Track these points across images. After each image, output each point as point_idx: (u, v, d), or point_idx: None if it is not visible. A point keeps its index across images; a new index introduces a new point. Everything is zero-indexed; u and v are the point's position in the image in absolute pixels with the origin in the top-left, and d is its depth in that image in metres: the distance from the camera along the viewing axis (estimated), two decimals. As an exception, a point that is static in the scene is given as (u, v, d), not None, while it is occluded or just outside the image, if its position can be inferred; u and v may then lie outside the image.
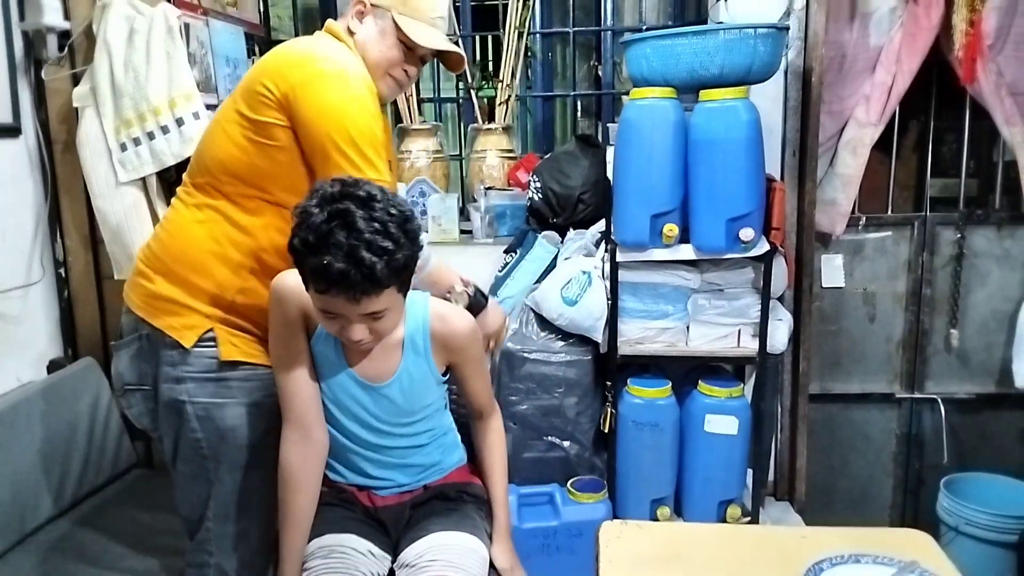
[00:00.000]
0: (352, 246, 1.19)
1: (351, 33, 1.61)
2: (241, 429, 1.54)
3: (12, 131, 2.17)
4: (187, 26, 2.15)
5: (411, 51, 1.63)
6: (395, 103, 2.73)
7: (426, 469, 1.56)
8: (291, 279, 1.38)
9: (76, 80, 2.20)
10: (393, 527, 1.55)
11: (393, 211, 1.25)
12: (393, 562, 1.51)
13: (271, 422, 1.51)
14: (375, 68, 1.60)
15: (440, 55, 1.70)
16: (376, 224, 1.22)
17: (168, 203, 2.09)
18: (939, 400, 2.65)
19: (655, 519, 2.16)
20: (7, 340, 2.15)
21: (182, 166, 1.96)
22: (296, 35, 2.80)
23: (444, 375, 1.53)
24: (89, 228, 2.30)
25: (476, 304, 1.66)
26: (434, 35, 1.63)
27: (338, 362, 1.45)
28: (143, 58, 2.03)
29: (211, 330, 1.51)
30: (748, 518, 2.18)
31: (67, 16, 2.21)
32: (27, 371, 2.21)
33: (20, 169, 2.21)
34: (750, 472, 2.23)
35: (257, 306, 1.52)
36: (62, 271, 2.35)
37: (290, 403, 1.45)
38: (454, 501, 1.57)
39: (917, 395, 2.69)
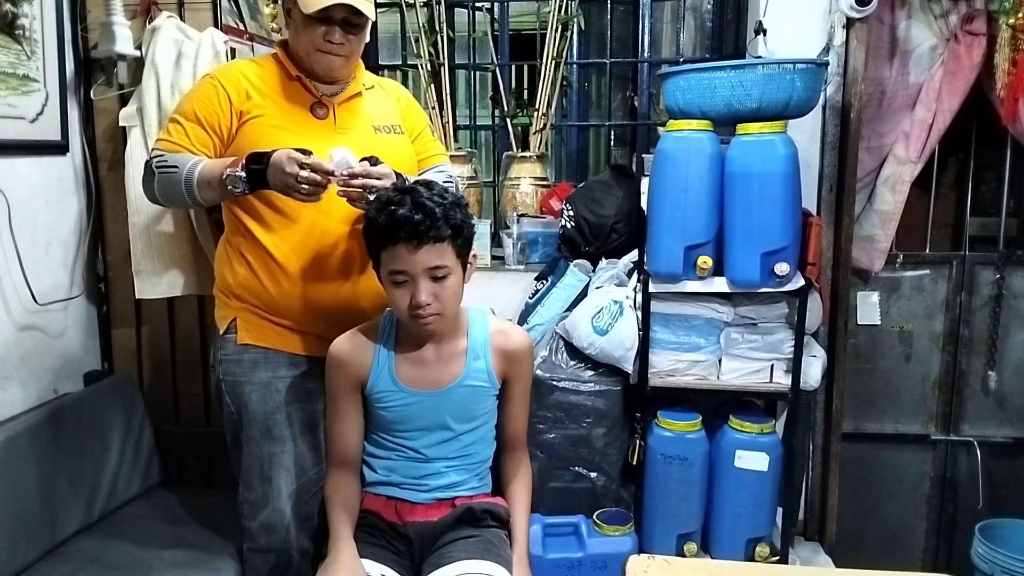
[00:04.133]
0: (416, 201, 1.45)
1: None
2: (254, 404, 1.74)
3: (60, 148, 2.22)
4: (233, 51, 2.20)
5: (316, 20, 1.67)
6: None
7: (457, 487, 1.63)
8: (345, 345, 1.60)
9: (123, 101, 2.26)
10: (419, 545, 1.58)
11: (447, 192, 1.53)
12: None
13: (282, 400, 1.74)
14: (305, 56, 1.72)
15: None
16: (435, 191, 1.50)
17: (207, 223, 2.14)
18: (975, 443, 2.60)
19: (682, 554, 2.13)
20: (47, 352, 2.19)
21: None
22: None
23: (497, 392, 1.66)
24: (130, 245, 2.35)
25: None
26: None
27: (395, 386, 1.59)
28: (189, 81, 2.07)
29: (235, 319, 1.74)
30: (777, 557, 2.14)
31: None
32: (64, 383, 2.25)
33: (66, 186, 2.26)
34: (780, 510, 2.19)
35: (254, 291, 1.72)
36: (102, 286, 2.39)
37: (333, 445, 1.65)
38: (479, 524, 1.60)
39: (953, 437, 2.64)
